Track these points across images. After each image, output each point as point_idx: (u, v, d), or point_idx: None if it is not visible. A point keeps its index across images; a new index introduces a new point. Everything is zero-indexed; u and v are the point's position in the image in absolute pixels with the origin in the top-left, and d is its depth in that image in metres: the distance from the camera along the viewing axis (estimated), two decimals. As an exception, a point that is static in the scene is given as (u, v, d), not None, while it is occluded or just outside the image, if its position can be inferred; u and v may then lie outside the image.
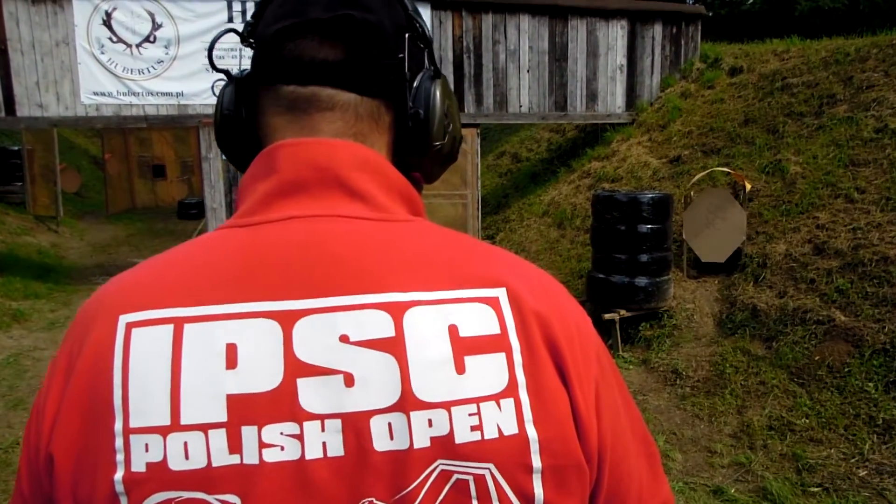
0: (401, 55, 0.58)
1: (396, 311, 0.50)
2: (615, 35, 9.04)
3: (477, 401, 0.49)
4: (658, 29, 9.18)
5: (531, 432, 0.50)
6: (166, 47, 7.63)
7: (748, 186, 5.76)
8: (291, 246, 0.53)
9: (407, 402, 0.48)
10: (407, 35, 0.59)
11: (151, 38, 7.59)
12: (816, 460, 3.64)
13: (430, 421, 0.48)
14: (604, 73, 9.08)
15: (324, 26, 0.56)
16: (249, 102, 0.61)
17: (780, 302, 4.86)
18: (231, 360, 0.49)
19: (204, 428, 0.47)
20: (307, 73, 0.57)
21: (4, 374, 5.96)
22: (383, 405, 0.48)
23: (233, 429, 0.47)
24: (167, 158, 16.24)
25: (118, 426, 0.48)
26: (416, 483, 0.48)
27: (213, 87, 7.87)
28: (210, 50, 0.67)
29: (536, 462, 0.50)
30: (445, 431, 0.48)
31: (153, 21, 7.57)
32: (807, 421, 3.96)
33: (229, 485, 0.47)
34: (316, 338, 0.49)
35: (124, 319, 0.51)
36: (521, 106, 8.91)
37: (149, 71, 7.62)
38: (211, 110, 7.95)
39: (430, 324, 0.51)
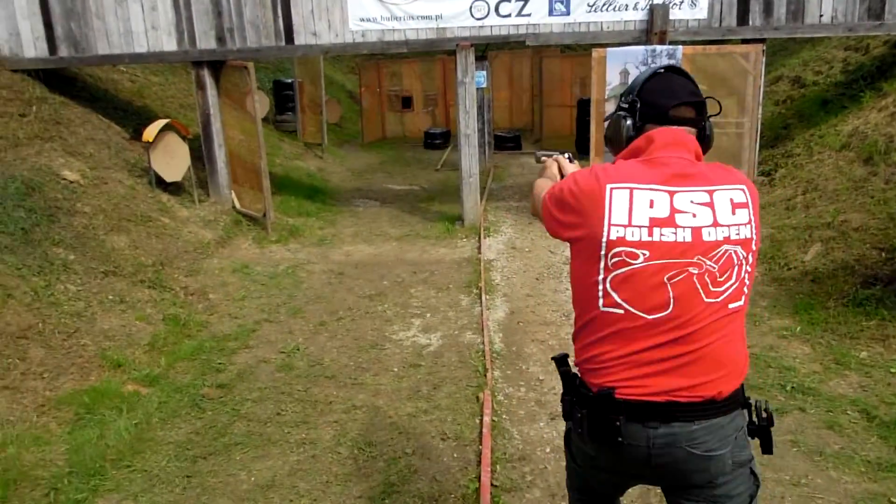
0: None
1: (711, 192, 1.58)
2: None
3: (739, 224, 1.57)
4: None
5: (754, 238, 1.60)
6: (428, -32, 7.50)
7: None
8: (668, 167, 1.60)
9: (715, 222, 1.55)
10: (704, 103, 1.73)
11: (415, -41, 7.51)
12: None
13: (722, 230, 1.55)
14: (944, -34, 7.12)
15: (691, 104, 1.68)
16: (637, 124, 1.71)
17: None
18: (651, 204, 1.55)
19: (639, 226, 1.54)
20: (682, 123, 1.68)
21: (285, 284, 6.49)
22: (707, 224, 1.55)
23: (648, 229, 1.53)
24: (414, 91, 16.79)
25: (605, 222, 1.55)
26: (719, 251, 1.55)
27: (470, 9, 7.62)
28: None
29: (753, 248, 1.60)
30: (728, 234, 1.56)
31: (417, -59, 7.46)
32: None
33: (644, 247, 1.53)
34: (682, 200, 1.56)
35: (609, 186, 1.58)
36: (821, 15, 7.38)
37: (411, -6, 7.58)
38: (469, 33, 7.72)
39: (722, 196, 1.58)
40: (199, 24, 7.91)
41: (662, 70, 1.70)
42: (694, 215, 1.55)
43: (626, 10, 7.46)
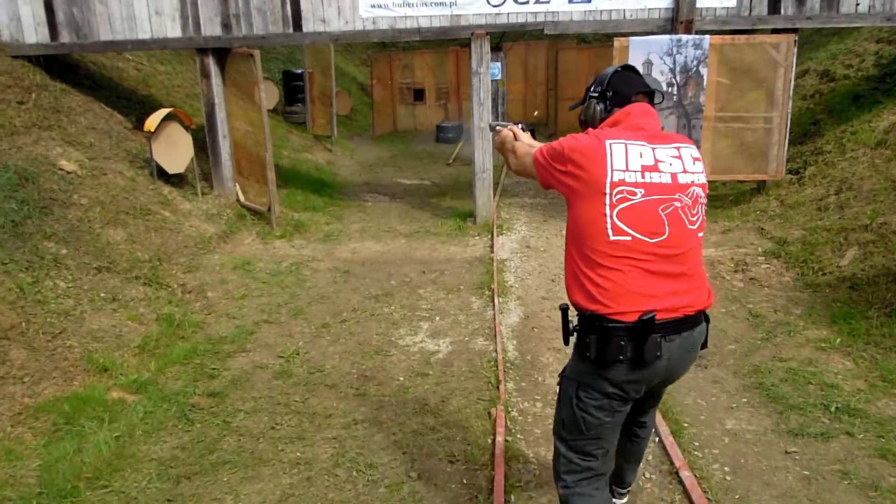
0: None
1: (678, 148, 2.06)
2: None
3: (698, 173, 2.06)
4: None
5: (705, 182, 2.09)
6: (442, -49, 7.15)
7: None
8: (645, 130, 2.06)
9: (685, 170, 2.02)
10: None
11: (428, -57, 7.16)
12: None
13: (690, 176, 2.03)
14: None
15: (645, 92, 2.19)
16: (607, 108, 2.18)
17: None
18: (640, 155, 1.98)
19: (634, 171, 1.95)
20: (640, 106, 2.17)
21: (288, 282, 6.18)
22: (680, 171, 2.01)
23: (641, 173, 1.95)
24: (427, 83, 16.42)
25: (608, 168, 1.93)
26: (690, 190, 2.01)
27: (487, -5, 7.25)
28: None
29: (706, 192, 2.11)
30: (693, 179, 2.03)
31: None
32: None
33: (640, 186, 1.94)
34: (660, 153, 2.01)
35: (608, 141, 1.97)
36: (857, 3, 6.95)
37: (424, -21, 7.23)
38: (484, 20, 7.36)
39: (686, 152, 2.06)
40: (204, 9, 7.60)
41: (620, 69, 2.23)
42: (670, 164, 2.02)
43: (650, -3, 7.07)
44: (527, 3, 7.23)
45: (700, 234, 2.05)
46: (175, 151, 7.67)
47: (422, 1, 7.34)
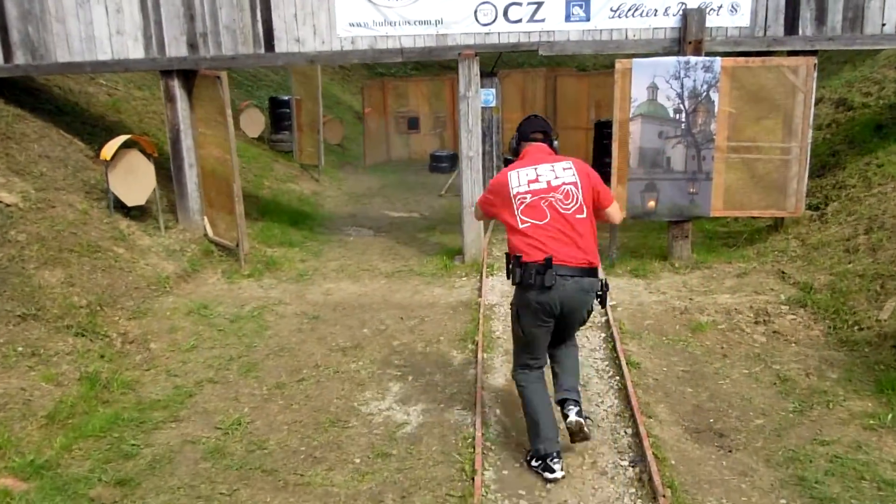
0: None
1: (552, 164, 3.36)
2: None
3: (567, 177, 3.30)
4: None
5: (579, 181, 3.31)
6: (427, -34, 6.56)
7: None
8: (532, 158, 3.42)
9: (556, 177, 3.29)
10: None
11: (412, -43, 6.58)
12: None
13: (560, 179, 3.29)
14: None
15: (542, 134, 3.53)
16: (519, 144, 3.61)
17: None
18: (527, 175, 3.32)
19: (523, 185, 3.29)
20: (537, 141, 3.52)
21: (247, 329, 5.45)
22: (553, 178, 3.30)
23: (528, 185, 3.28)
24: (422, 111, 15.84)
25: (510, 188, 3.30)
26: (562, 189, 3.26)
27: (475, 12, 6.64)
28: None
29: (581, 185, 3.31)
30: (562, 181, 3.29)
31: (415, -64, 6.52)
32: None
33: (528, 192, 3.26)
34: (540, 169, 3.33)
35: (508, 172, 3.37)
36: (883, 24, 6.31)
37: (407, -5, 6.63)
38: (473, 40, 6.73)
39: (558, 165, 3.34)
40: (169, 28, 6.99)
41: (528, 117, 3.61)
42: (546, 175, 3.29)
43: (654, 15, 6.44)
44: (519, 21, 6.61)
45: (580, 216, 3.24)
46: (135, 182, 7.00)
47: (405, 19, 6.73)
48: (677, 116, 6.44)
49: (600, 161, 10.54)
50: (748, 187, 6.91)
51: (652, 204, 6.61)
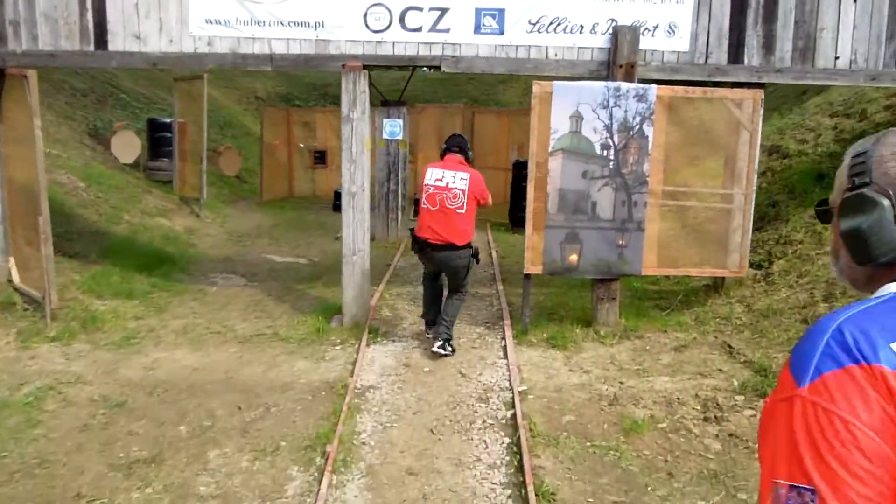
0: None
1: (455, 171, 4.97)
2: None
3: (458, 184, 4.92)
4: None
5: (466, 189, 4.92)
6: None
7: None
8: (445, 164, 5.05)
9: (453, 181, 4.93)
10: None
11: (286, -58, 5.26)
12: None
13: (454, 183, 4.92)
14: None
15: (458, 148, 5.16)
16: (444, 151, 5.44)
17: None
18: (434, 173, 5.01)
19: (430, 180, 5.00)
20: (453, 153, 5.16)
21: (9, 425, 3.76)
22: (451, 180, 4.95)
23: (433, 181, 4.97)
24: (329, 145, 14.38)
25: (423, 180, 5.13)
26: (452, 190, 4.90)
27: (365, 16, 5.37)
28: None
29: (467, 193, 4.95)
30: (454, 186, 4.92)
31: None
32: None
33: (431, 186, 4.95)
34: (445, 173, 4.97)
35: (426, 168, 5.21)
36: (836, 57, 5.46)
37: (279, -11, 5.29)
38: (361, 49, 5.44)
39: (456, 174, 4.96)
40: (-35, 13, 5.36)
41: (454, 134, 5.32)
42: (445, 178, 4.90)
43: (580, 32, 5.35)
44: (419, 29, 5.38)
45: (460, 211, 4.84)
46: None
47: (276, 19, 5.38)
48: (605, 153, 5.32)
49: (518, 205, 9.39)
50: (683, 241, 5.85)
51: (574, 258, 5.41)
